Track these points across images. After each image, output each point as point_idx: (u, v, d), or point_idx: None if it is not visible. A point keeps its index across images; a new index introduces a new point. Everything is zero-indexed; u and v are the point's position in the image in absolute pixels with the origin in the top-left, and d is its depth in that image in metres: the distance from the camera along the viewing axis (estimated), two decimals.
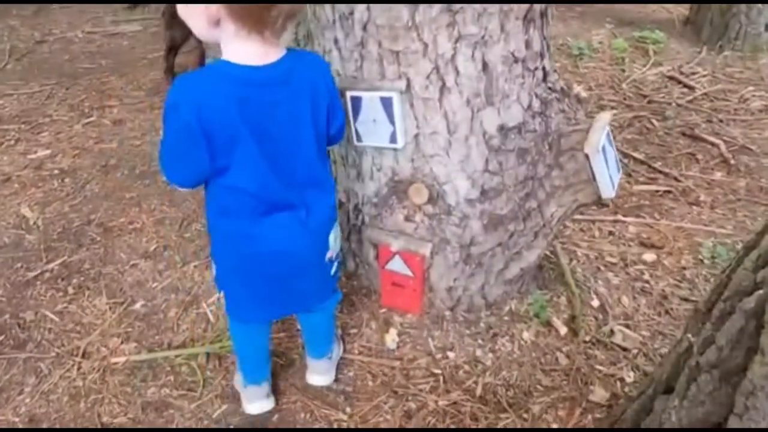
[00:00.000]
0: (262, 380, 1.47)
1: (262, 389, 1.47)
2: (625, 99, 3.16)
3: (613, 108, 3.08)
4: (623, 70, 3.48)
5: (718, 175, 2.45)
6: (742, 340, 0.88)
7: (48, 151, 2.68)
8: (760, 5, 3.46)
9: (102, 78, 3.43)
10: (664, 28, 3.90)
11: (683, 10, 4.13)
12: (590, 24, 4.16)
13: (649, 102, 3.11)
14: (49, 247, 2.07)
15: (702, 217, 2.18)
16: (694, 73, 3.39)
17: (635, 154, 2.61)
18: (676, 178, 2.43)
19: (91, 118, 2.98)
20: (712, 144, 2.67)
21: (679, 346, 1.08)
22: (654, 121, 2.91)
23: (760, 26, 3.50)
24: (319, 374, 1.53)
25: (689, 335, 1.05)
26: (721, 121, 2.91)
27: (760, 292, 0.86)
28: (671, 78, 3.35)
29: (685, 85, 3.26)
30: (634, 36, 3.84)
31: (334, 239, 1.29)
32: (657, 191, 2.36)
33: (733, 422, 0.87)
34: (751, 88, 3.20)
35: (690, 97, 3.12)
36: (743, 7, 3.49)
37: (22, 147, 2.73)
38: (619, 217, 2.18)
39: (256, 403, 1.47)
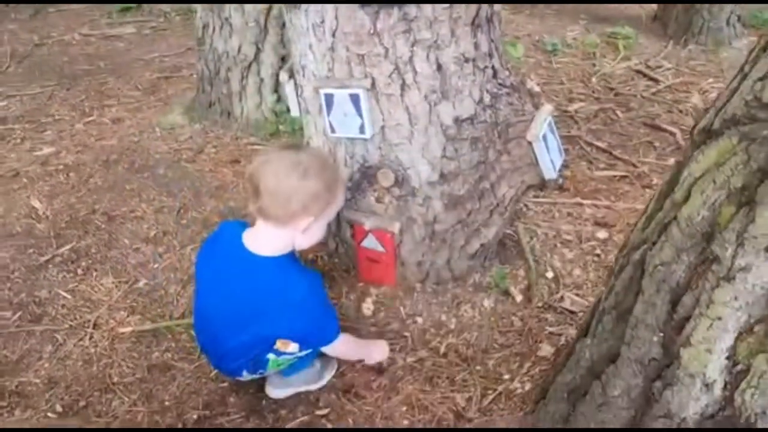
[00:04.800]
0: None
1: None
2: (593, 92, 3.37)
3: (581, 101, 3.29)
4: (594, 65, 3.69)
5: (672, 161, 2.66)
6: (632, 285, 1.10)
7: (53, 149, 2.88)
8: None
9: (100, 79, 3.63)
10: (634, 24, 4.11)
11: (653, 6, 4.34)
12: (566, 21, 4.37)
13: (616, 95, 3.32)
14: (59, 234, 2.28)
15: None
16: (659, 67, 3.61)
17: (598, 143, 2.82)
18: (633, 164, 2.64)
19: (92, 117, 3.18)
20: (670, 132, 2.89)
21: (597, 298, 1.30)
22: (618, 113, 3.13)
23: (721, 21, 3.73)
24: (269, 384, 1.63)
25: (603, 288, 1.27)
26: (680, 111, 3.12)
27: (645, 246, 1.08)
28: (638, 72, 3.56)
29: (651, 78, 3.47)
30: (606, 32, 4.05)
31: None
32: (615, 176, 2.57)
33: (623, 351, 1.09)
34: (710, 80, 3.41)
35: (654, 90, 3.33)
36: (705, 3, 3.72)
37: (28, 145, 2.93)
38: (578, 200, 2.40)
39: None
